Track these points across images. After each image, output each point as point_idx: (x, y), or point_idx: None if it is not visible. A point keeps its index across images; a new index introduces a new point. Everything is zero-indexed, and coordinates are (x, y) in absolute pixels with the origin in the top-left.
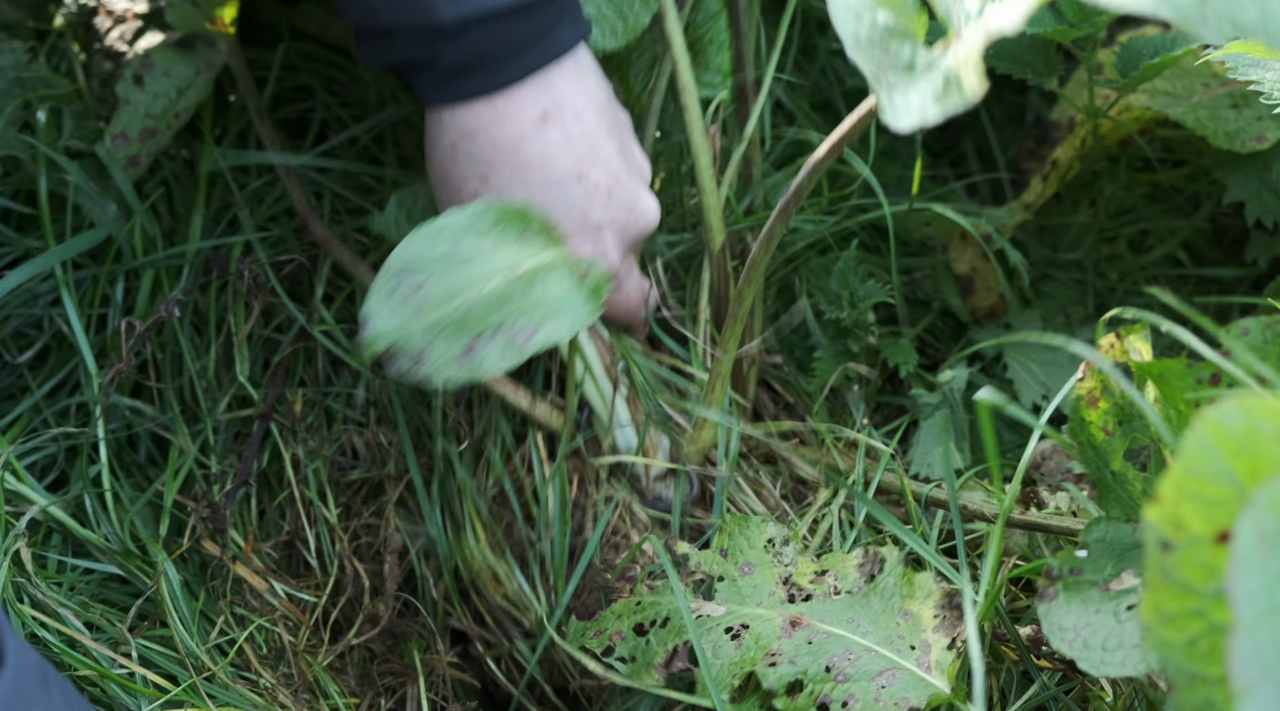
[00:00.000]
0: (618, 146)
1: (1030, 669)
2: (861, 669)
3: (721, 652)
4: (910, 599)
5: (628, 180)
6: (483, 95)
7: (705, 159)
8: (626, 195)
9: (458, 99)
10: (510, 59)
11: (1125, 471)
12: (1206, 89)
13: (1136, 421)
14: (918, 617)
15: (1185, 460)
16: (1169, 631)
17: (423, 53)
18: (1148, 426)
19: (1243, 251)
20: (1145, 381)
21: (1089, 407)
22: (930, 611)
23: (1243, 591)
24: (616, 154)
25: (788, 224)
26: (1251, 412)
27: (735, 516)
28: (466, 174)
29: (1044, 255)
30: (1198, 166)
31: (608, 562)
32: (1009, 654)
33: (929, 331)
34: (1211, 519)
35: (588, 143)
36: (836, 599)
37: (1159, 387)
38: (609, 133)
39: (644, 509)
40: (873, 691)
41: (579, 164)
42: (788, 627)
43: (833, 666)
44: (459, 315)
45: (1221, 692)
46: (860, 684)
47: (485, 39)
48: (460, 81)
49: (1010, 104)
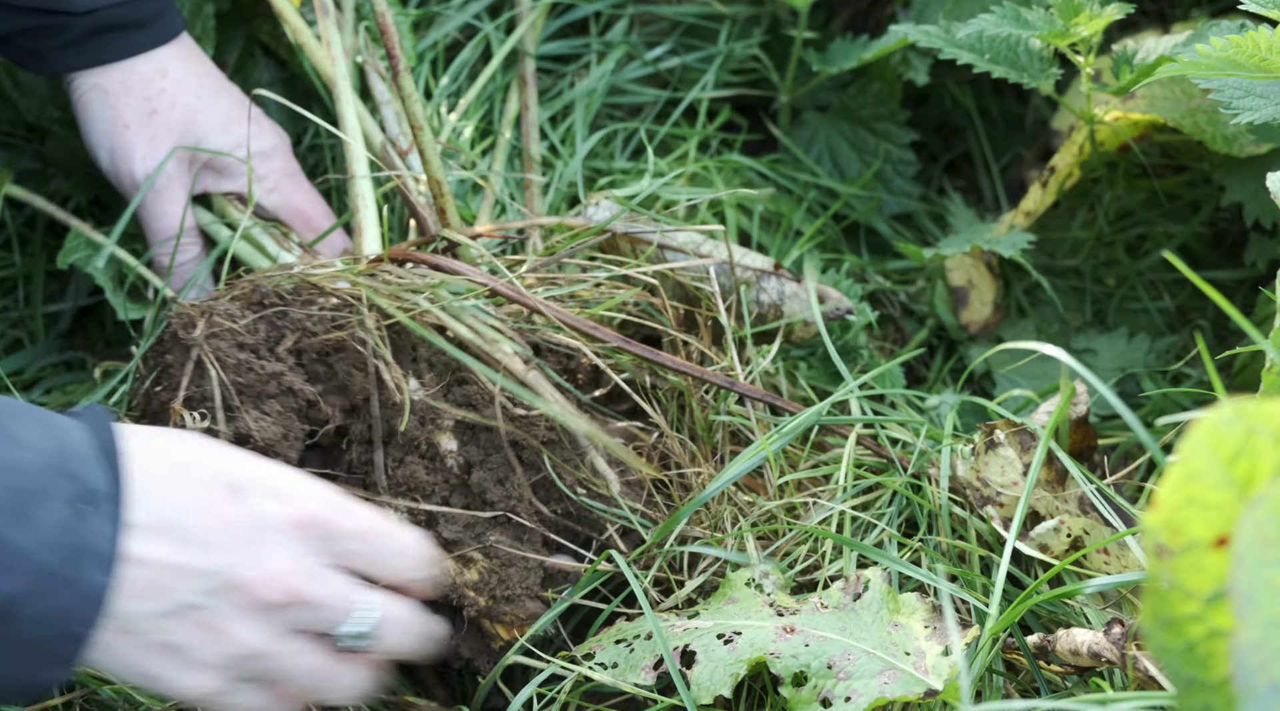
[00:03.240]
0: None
1: (1038, 677)
2: (861, 668)
3: (714, 655)
4: (897, 613)
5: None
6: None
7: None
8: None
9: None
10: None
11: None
12: (1204, 94)
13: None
14: (908, 628)
15: (1183, 465)
16: (1168, 637)
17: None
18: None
19: (1241, 255)
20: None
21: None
22: (920, 624)
23: (1245, 594)
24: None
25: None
26: (1248, 417)
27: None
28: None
29: (1042, 262)
30: (1196, 171)
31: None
32: (1020, 662)
33: (921, 346)
34: (1210, 524)
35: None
36: (826, 612)
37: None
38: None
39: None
40: (875, 687)
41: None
42: (783, 633)
43: (834, 664)
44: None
45: (1221, 697)
46: (862, 681)
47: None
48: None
49: (1011, 112)
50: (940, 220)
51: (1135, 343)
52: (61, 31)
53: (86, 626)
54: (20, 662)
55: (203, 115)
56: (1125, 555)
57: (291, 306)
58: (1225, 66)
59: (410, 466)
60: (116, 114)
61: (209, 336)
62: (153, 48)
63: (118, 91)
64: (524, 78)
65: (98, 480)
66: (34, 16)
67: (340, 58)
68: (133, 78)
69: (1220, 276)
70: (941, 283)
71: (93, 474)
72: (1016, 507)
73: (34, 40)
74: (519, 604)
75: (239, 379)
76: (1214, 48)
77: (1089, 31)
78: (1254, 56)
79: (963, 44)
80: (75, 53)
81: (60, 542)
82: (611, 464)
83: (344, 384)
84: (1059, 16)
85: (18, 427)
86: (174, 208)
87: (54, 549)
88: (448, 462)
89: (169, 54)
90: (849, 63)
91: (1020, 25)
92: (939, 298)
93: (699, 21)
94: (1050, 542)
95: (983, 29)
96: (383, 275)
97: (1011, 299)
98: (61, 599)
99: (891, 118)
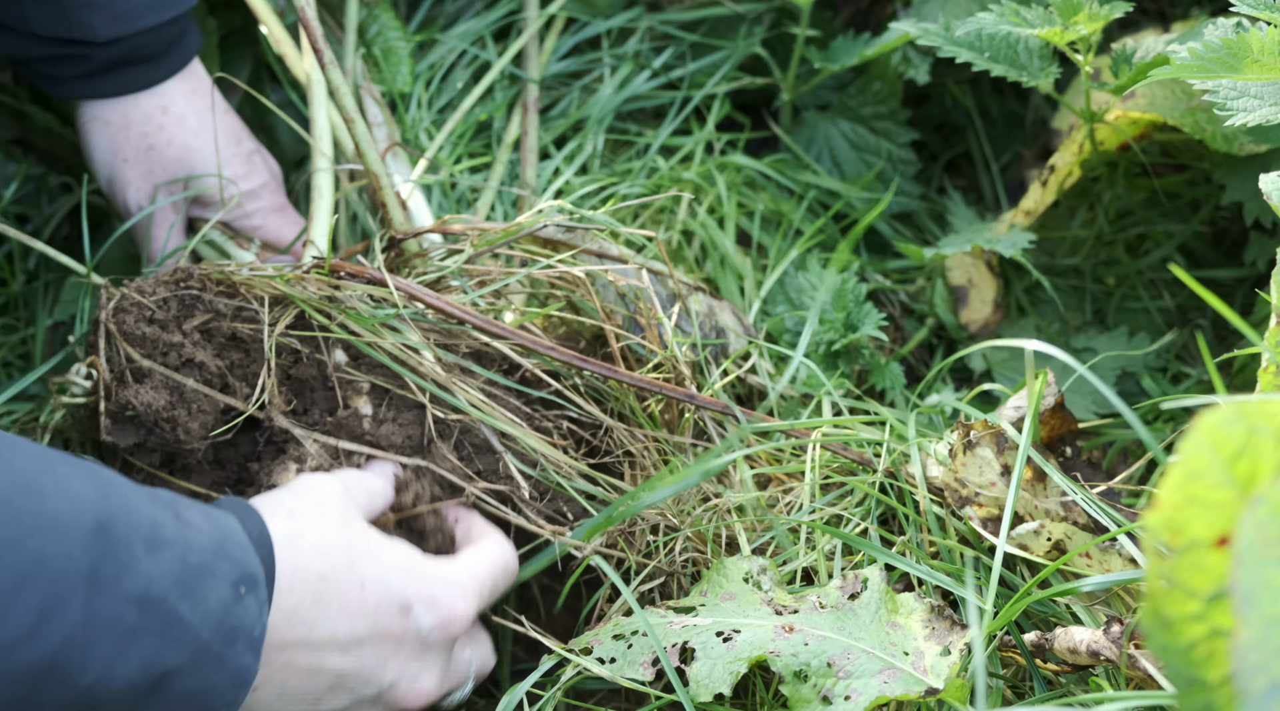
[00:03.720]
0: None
1: (1035, 676)
2: (861, 667)
3: (713, 652)
4: (896, 613)
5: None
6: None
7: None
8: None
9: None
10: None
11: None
12: (1203, 93)
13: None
14: (907, 629)
15: (1184, 465)
16: (1168, 636)
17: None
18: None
19: (1241, 254)
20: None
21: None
22: (918, 624)
23: (1246, 594)
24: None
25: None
26: (1249, 416)
27: (715, 562)
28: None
29: (1042, 261)
30: (1196, 170)
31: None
32: (1015, 660)
33: (921, 346)
34: (1211, 523)
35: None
36: (824, 611)
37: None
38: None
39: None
40: (875, 686)
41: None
42: (781, 632)
43: (834, 663)
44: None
45: (1222, 697)
46: (862, 680)
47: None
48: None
49: (1011, 111)
50: (940, 219)
51: (1135, 342)
52: (81, 61)
53: (230, 707)
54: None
55: (197, 154)
56: (1108, 558)
57: (206, 292)
58: (1219, 67)
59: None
60: (116, 147)
61: (115, 312)
62: (162, 80)
63: (119, 124)
64: (525, 104)
65: (255, 566)
66: (56, 45)
67: (316, 65)
68: (134, 112)
69: (1220, 275)
70: (941, 282)
71: (250, 559)
72: (995, 507)
73: (52, 67)
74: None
75: (141, 350)
76: (1207, 48)
77: (1088, 30)
78: (1248, 57)
79: (962, 42)
80: (92, 83)
81: (221, 621)
82: (528, 463)
83: (255, 371)
84: (1058, 15)
85: (184, 510)
86: (162, 233)
87: (214, 626)
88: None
89: (175, 88)
90: (850, 59)
91: (1019, 23)
92: (939, 297)
93: (710, 14)
94: (1030, 543)
95: (981, 27)
96: (310, 283)
97: (1011, 298)
98: (213, 676)
99: (892, 117)
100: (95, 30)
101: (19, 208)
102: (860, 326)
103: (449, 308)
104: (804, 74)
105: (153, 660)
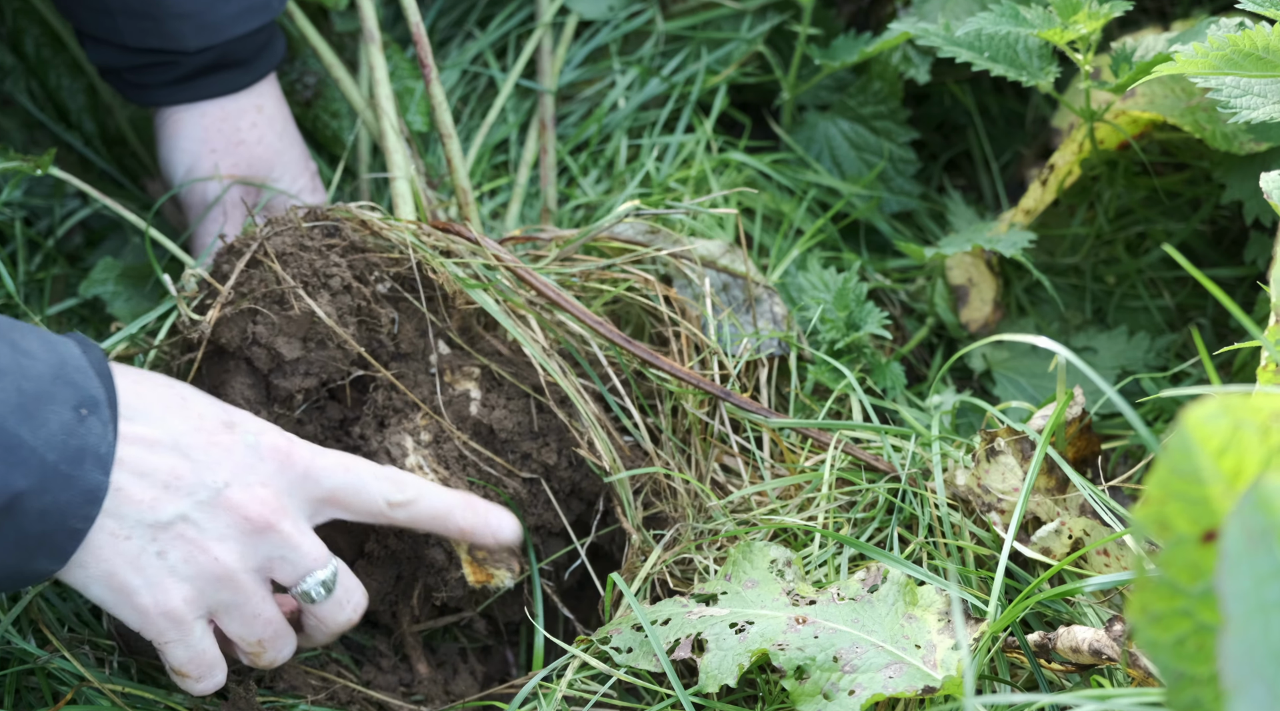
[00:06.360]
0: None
1: (1038, 675)
2: (868, 661)
3: (725, 643)
4: (914, 606)
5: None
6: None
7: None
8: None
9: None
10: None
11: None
12: (1203, 92)
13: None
14: (922, 621)
15: (1169, 460)
16: (1156, 631)
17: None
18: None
19: (1242, 252)
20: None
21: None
22: (935, 617)
23: (1233, 590)
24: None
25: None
26: (1235, 411)
27: (741, 543)
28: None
29: (1042, 260)
30: (1196, 169)
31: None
32: (1020, 660)
33: (921, 345)
34: (1197, 519)
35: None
36: (841, 603)
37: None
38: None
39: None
40: (880, 681)
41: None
42: (793, 624)
43: (840, 657)
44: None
45: (1210, 692)
46: (867, 674)
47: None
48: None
49: (1011, 110)
50: (940, 219)
51: (1135, 341)
52: (171, 68)
53: (84, 522)
54: (21, 554)
55: (279, 157)
56: (1126, 555)
57: (344, 228)
58: (1222, 65)
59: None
60: (207, 137)
61: (270, 237)
62: (251, 84)
63: (216, 116)
64: (544, 121)
65: (96, 389)
66: (146, 55)
67: (384, 79)
68: (231, 107)
69: (1220, 274)
70: (942, 281)
71: (91, 383)
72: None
73: (141, 75)
74: (497, 554)
75: (300, 271)
76: (1211, 45)
77: (1088, 29)
78: (1251, 55)
79: (961, 42)
80: (180, 88)
81: (64, 443)
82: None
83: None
84: (1058, 14)
85: (21, 338)
86: (215, 228)
87: (58, 448)
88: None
89: (267, 89)
90: (851, 57)
91: (1019, 23)
92: (939, 296)
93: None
94: (1053, 545)
95: (981, 27)
96: (431, 235)
97: (1012, 297)
98: (63, 494)
99: (892, 116)
100: (186, 40)
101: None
102: (862, 325)
103: (558, 297)
104: (805, 74)
105: (1, 484)
